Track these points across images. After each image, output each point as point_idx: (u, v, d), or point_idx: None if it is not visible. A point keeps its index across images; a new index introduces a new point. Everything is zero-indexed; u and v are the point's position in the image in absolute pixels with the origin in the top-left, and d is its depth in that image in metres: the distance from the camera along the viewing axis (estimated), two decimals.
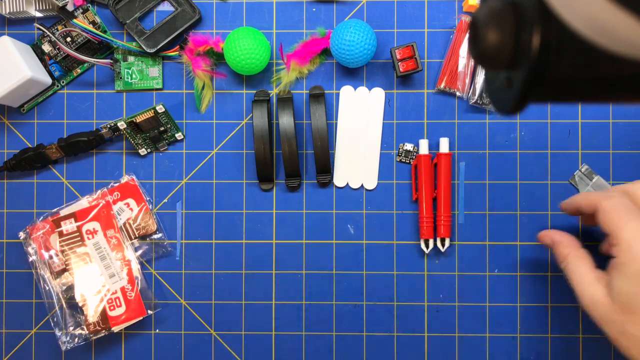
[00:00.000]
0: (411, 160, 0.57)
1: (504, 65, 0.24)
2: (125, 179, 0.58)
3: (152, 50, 0.57)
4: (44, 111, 0.59)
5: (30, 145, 0.59)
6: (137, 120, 0.56)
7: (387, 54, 0.58)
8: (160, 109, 0.56)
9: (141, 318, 0.56)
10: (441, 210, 0.56)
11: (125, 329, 0.57)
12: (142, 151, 0.58)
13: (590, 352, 0.57)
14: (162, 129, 0.57)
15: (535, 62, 0.22)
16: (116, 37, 0.58)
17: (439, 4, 0.58)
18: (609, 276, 0.43)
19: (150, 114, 0.56)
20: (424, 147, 0.56)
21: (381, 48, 0.58)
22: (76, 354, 0.58)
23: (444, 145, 0.56)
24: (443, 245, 0.57)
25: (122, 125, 0.56)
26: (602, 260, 0.48)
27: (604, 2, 0.18)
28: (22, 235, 0.58)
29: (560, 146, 0.57)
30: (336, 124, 0.58)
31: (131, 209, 0.57)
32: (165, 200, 0.58)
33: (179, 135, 0.58)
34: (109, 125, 0.57)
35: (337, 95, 0.58)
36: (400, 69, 0.55)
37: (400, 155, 0.57)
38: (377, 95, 0.58)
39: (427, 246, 0.56)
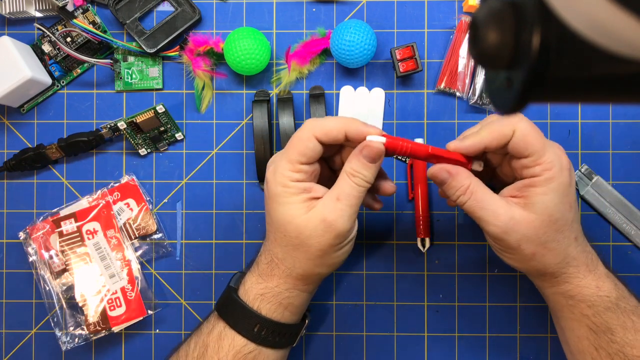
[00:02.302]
0: (407, 159, 0.57)
1: (504, 65, 0.24)
2: (125, 179, 0.58)
3: (152, 50, 0.57)
4: (44, 111, 0.59)
5: (30, 145, 0.59)
6: (137, 121, 0.56)
7: (387, 54, 0.58)
8: (160, 109, 0.56)
9: (141, 318, 0.56)
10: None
11: (125, 329, 0.57)
12: (142, 151, 0.58)
13: None
14: (162, 129, 0.57)
15: (535, 62, 0.22)
16: (116, 37, 0.58)
17: (439, 4, 0.58)
18: (524, 195, 0.44)
19: (150, 114, 0.56)
20: None
21: (381, 48, 0.58)
22: (76, 354, 0.58)
23: None
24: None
25: (122, 125, 0.56)
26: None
27: (604, 2, 0.18)
28: (22, 235, 0.58)
29: None
30: None
31: (131, 209, 0.57)
32: (165, 200, 0.58)
33: (179, 135, 0.58)
34: (109, 125, 0.57)
35: (337, 95, 0.58)
36: (400, 69, 0.55)
37: None
38: (377, 95, 0.58)
39: (423, 245, 0.56)
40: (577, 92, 0.25)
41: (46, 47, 0.58)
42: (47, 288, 0.57)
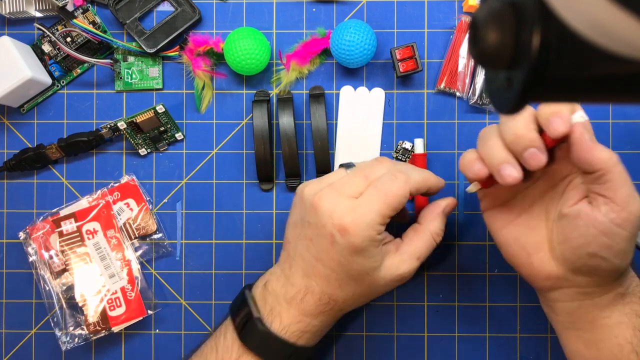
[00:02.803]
0: (407, 159, 0.57)
1: (504, 65, 0.24)
2: (125, 179, 0.58)
3: (152, 50, 0.57)
4: (44, 111, 0.59)
5: (30, 145, 0.59)
6: (137, 120, 0.56)
7: (387, 54, 0.58)
8: (160, 109, 0.56)
9: (141, 318, 0.56)
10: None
11: (125, 329, 0.57)
12: (142, 151, 0.58)
13: None
14: (162, 129, 0.57)
15: (535, 62, 0.22)
16: (116, 37, 0.58)
17: (439, 4, 0.58)
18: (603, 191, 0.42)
19: (150, 114, 0.56)
20: (419, 146, 0.56)
21: (381, 48, 0.58)
22: (76, 354, 0.58)
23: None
24: None
25: (122, 125, 0.56)
26: None
27: (604, 2, 0.18)
28: (22, 235, 0.58)
29: None
30: (336, 124, 0.58)
31: (131, 209, 0.57)
32: (165, 200, 0.58)
33: (179, 135, 0.58)
34: (109, 125, 0.57)
35: (337, 95, 0.58)
36: (400, 69, 0.55)
37: (397, 152, 0.57)
38: (377, 95, 0.58)
39: None
40: (577, 92, 0.25)
41: (46, 47, 0.58)
42: (47, 288, 0.57)
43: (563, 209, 0.44)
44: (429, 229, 0.47)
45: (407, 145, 0.57)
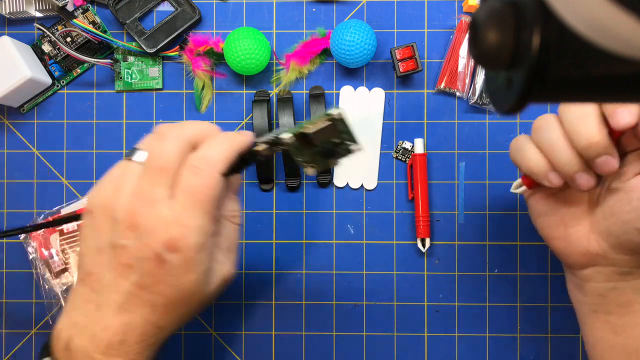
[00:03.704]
0: (407, 159, 0.57)
1: (504, 65, 0.24)
2: None
3: (152, 50, 0.57)
4: (44, 111, 0.59)
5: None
6: (308, 132, 0.40)
7: (387, 54, 0.58)
8: (338, 115, 0.40)
9: None
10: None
11: None
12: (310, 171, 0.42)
13: None
14: (336, 140, 0.41)
15: (535, 62, 0.22)
16: (116, 37, 0.58)
17: (439, 4, 0.58)
18: None
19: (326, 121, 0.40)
20: (419, 146, 0.56)
21: (381, 48, 0.58)
22: None
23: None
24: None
25: (289, 138, 0.40)
26: None
27: (604, 2, 0.18)
28: (22, 235, 0.58)
29: None
30: None
31: None
32: None
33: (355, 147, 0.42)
34: (269, 140, 0.41)
35: (337, 95, 0.58)
36: (400, 69, 0.55)
37: (397, 152, 0.57)
38: (377, 95, 0.58)
39: (423, 245, 0.56)
40: (577, 92, 0.25)
41: (46, 47, 0.58)
42: (47, 288, 0.57)
43: (615, 183, 0.42)
44: (223, 217, 0.42)
45: (407, 145, 0.57)
